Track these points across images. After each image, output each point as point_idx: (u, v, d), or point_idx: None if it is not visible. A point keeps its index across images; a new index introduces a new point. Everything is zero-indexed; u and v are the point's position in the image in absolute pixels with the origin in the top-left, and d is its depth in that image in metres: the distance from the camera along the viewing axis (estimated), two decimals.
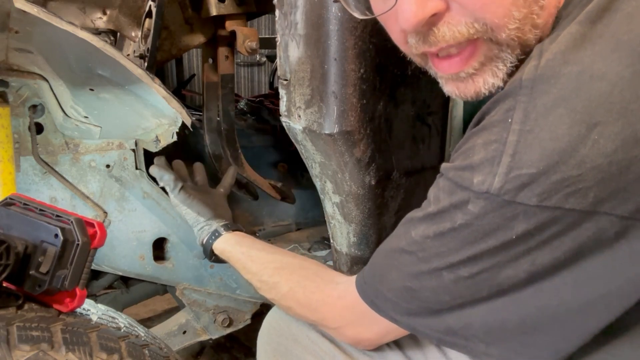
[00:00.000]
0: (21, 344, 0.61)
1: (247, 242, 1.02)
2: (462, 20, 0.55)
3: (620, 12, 0.50)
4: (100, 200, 1.21)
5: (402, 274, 0.64)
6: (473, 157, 0.54)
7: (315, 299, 0.81)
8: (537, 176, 0.48)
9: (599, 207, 0.48)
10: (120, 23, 1.22)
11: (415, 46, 0.60)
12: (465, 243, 0.55)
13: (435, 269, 0.59)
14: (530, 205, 0.50)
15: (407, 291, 0.63)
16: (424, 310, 0.63)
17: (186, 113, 0.93)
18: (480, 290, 0.57)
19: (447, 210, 0.57)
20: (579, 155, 0.47)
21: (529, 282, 0.54)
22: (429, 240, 0.59)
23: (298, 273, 0.87)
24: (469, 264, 0.56)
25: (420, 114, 1.03)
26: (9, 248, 0.65)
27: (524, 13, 0.55)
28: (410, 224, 0.64)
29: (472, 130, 0.57)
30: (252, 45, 1.22)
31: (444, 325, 0.62)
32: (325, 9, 0.86)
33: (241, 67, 4.49)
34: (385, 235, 1.08)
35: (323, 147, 0.97)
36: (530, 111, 0.50)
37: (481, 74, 0.59)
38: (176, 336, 1.42)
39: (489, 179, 0.51)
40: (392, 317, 0.68)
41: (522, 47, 0.57)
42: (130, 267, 1.28)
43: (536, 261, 0.52)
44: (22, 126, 1.11)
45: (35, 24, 0.79)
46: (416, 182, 1.08)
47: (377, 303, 0.70)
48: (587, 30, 0.50)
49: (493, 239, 0.53)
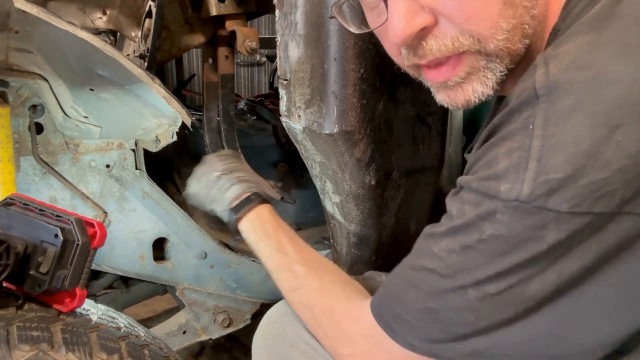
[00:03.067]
0: (21, 344, 0.61)
1: (284, 224, 0.94)
2: (448, 34, 0.57)
3: (626, 17, 0.50)
4: (100, 200, 1.21)
5: (422, 293, 0.60)
6: (497, 166, 0.53)
7: (341, 309, 0.75)
8: (565, 181, 0.48)
9: (623, 207, 0.48)
10: (120, 23, 1.23)
11: (407, 58, 0.62)
12: (494, 256, 0.53)
13: (460, 287, 0.56)
14: (561, 212, 0.48)
15: (428, 312, 0.60)
16: (446, 335, 0.59)
17: (186, 113, 0.93)
18: (507, 310, 0.54)
19: (473, 221, 0.55)
20: (603, 157, 0.47)
21: (557, 294, 0.52)
22: (454, 255, 0.56)
23: (333, 276, 0.83)
24: (497, 280, 0.53)
25: (420, 114, 1.03)
26: (9, 248, 0.65)
27: (512, 24, 0.55)
28: (431, 239, 0.60)
29: (490, 142, 0.56)
30: (252, 45, 1.22)
31: (469, 349, 0.59)
32: (325, 9, 0.86)
33: (241, 67, 4.49)
34: (385, 235, 1.08)
35: (323, 147, 0.97)
36: (551, 116, 0.49)
37: (469, 83, 0.60)
38: (176, 336, 1.42)
39: (517, 186, 0.50)
40: (410, 344, 0.63)
41: (511, 57, 0.58)
42: (130, 267, 1.28)
43: (564, 271, 0.51)
44: (22, 126, 1.11)
45: (35, 24, 0.79)
46: (416, 182, 1.08)
47: (394, 327, 0.64)
48: (594, 37, 0.50)
49: (524, 250, 0.51)
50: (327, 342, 0.76)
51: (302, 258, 0.85)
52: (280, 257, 0.87)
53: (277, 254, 0.87)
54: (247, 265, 1.39)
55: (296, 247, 0.88)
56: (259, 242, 0.91)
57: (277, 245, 0.88)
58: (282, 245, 0.88)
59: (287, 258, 0.86)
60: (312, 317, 0.79)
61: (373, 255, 1.11)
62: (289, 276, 0.84)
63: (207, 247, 1.34)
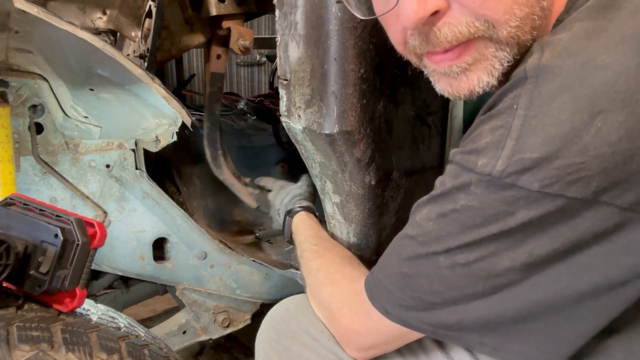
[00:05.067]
0: (21, 344, 0.61)
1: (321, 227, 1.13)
2: (462, 19, 0.56)
3: (623, 9, 0.51)
4: (100, 200, 1.21)
5: (400, 258, 0.64)
6: (479, 141, 0.55)
7: (342, 271, 0.85)
8: (539, 161, 0.49)
9: (600, 196, 0.48)
10: (120, 23, 1.23)
11: (419, 47, 0.61)
12: (466, 227, 0.55)
13: (432, 253, 0.59)
14: (531, 191, 0.50)
15: (402, 277, 0.63)
16: (416, 302, 0.62)
17: (186, 113, 0.93)
18: (475, 283, 0.56)
19: (450, 191, 0.57)
20: (581, 142, 0.47)
21: (525, 276, 0.54)
22: (430, 223, 0.59)
23: (345, 253, 0.96)
24: (466, 250, 0.56)
25: (420, 114, 1.03)
26: (9, 248, 0.65)
27: (525, 12, 0.55)
28: (416, 209, 0.64)
29: (481, 118, 0.57)
30: (245, 44, 1.21)
31: (436, 320, 0.62)
32: (325, 9, 0.86)
33: (241, 67, 4.48)
34: (385, 235, 1.08)
35: (323, 147, 0.97)
36: (535, 97, 0.50)
37: (475, 71, 0.59)
38: (176, 336, 1.42)
39: (492, 162, 0.52)
40: (384, 308, 0.67)
41: (519, 47, 0.58)
42: (130, 267, 1.28)
43: (534, 252, 0.52)
44: (22, 126, 1.11)
45: (35, 24, 0.79)
46: (416, 182, 1.08)
47: (373, 291, 0.69)
48: (590, 25, 0.51)
49: (493, 224, 0.53)
50: (324, 302, 0.84)
51: (321, 242, 1.01)
52: (303, 240, 1.02)
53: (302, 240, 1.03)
54: (247, 265, 1.39)
55: (319, 235, 1.04)
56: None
57: (305, 235, 1.05)
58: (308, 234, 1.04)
59: (307, 242, 1.01)
60: (316, 281, 0.88)
61: (373, 255, 1.11)
62: (307, 252, 0.97)
63: (207, 247, 1.34)
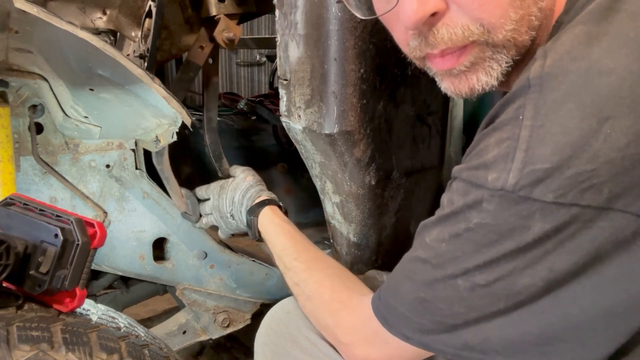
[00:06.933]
0: (21, 344, 0.61)
1: (290, 224, 1.04)
2: (459, 22, 0.56)
3: (624, 12, 0.50)
4: (100, 200, 1.21)
5: (415, 284, 0.61)
6: (486, 155, 0.54)
7: (338, 299, 0.78)
8: (551, 171, 0.48)
9: (613, 203, 0.47)
10: (120, 23, 1.22)
11: (419, 48, 0.61)
12: (482, 245, 0.53)
13: (450, 276, 0.56)
14: (546, 202, 0.49)
15: (420, 303, 0.60)
16: (437, 325, 0.60)
17: (186, 113, 0.93)
18: (497, 302, 0.54)
19: (461, 210, 0.55)
20: (591, 149, 0.47)
21: (547, 291, 0.52)
22: (443, 245, 0.57)
23: (333, 270, 0.87)
24: (485, 270, 0.54)
25: (420, 114, 1.03)
26: (9, 248, 0.65)
27: (520, 14, 0.56)
28: (424, 230, 0.61)
29: (483, 132, 0.56)
30: (229, 36, 1.17)
31: (459, 341, 0.59)
32: (325, 9, 0.86)
33: (241, 67, 4.48)
34: (385, 235, 1.08)
35: (323, 147, 0.97)
36: (541, 107, 0.50)
37: (474, 72, 0.60)
38: (176, 336, 1.42)
39: (503, 176, 0.51)
40: (404, 335, 0.64)
41: (517, 48, 0.58)
42: (130, 267, 1.28)
43: (554, 267, 0.51)
44: (22, 126, 1.11)
45: (35, 24, 0.79)
46: (416, 182, 1.08)
47: (389, 319, 0.66)
48: (592, 29, 0.50)
49: (510, 240, 0.51)
50: (328, 331, 0.79)
51: (302, 255, 0.91)
52: (283, 254, 0.94)
53: (283, 250, 0.94)
54: (247, 265, 1.39)
55: (298, 243, 0.94)
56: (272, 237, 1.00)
57: (282, 241, 0.96)
58: (285, 241, 0.95)
59: (288, 254, 0.92)
60: (312, 308, 0.83)
61: (373, 255, 1.11)
62: (293, 271, 0.89)
63: (207, 247, 1.34)
